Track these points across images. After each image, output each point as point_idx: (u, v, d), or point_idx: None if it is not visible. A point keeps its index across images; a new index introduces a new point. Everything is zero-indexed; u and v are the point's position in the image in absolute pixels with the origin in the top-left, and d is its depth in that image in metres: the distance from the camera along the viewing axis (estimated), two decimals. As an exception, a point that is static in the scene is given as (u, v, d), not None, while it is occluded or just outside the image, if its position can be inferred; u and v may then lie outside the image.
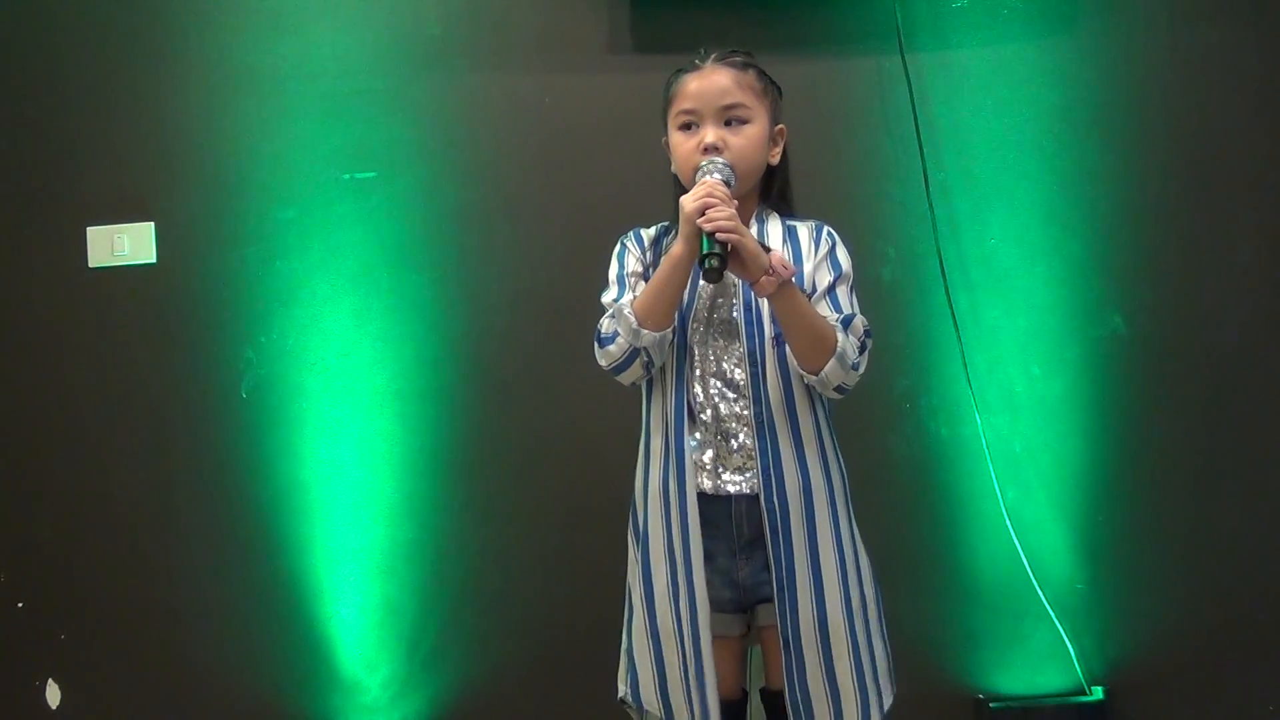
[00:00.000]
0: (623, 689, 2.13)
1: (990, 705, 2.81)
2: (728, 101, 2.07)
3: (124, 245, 2.98)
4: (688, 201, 1.96)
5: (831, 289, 2.08)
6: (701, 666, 2.01)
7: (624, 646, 2.14)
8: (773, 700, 2.09)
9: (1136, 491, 2.87)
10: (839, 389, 2.03)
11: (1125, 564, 2.87)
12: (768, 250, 2.00)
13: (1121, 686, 2.84)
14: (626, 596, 2.14)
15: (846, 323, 2.04)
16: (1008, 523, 2.83)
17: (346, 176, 2.96)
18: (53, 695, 2.96)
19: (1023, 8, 2.92)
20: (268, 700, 2.92)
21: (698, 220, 1.93)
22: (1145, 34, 2.91)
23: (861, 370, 2.04)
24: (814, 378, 2.01)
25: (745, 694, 2.16)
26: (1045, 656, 2.85)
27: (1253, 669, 2.85)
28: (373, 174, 2.96)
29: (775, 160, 2.14)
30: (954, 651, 2.87)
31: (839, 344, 1.99)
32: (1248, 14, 2.90)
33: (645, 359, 2.03)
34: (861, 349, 2.04)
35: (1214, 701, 2.85)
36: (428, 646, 2.93)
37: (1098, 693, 2.82)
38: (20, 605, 2.98)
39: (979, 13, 2.92)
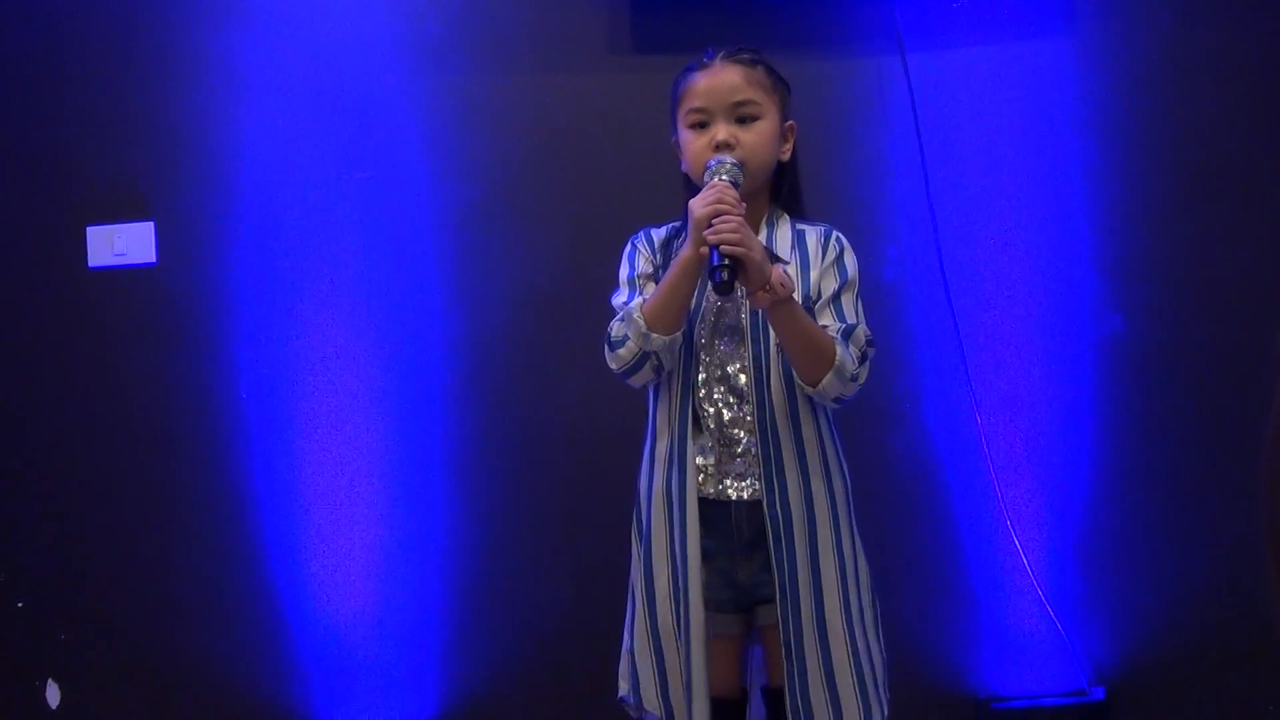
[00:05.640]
0: (624, 688, 2.13)
1: (991, 705, 2.81)
2: (738, 98, 2.06)
3: (123, 245, 2.98)
4: (696, 206, 1.95)
5: (836, 296, 2.07)
6: (691, 671, 2.01)
7: (625, 646, 2.14)
8: (774, 698, 2.09)
9: (1137, 491, 2.87)
10: (837, 400, 2.03)
11: (1125, 564, 2.86)
12: (775, 259, 1.99)
13: (1121, 686, 2.84)
14: (629, 595, 2.14)
15: (848, 333, 2.03)
16: (1008, 523, 2.83)
17: (346, 176, 2.96)
18: (53, 695, 2.96)
19: (1023, 8, 2.91)
20: (268, 700, 2.92)
21: (705, 233, 1.92)
22: (1145, 34, 2.90)
23: (861, 381, 2.04)
24: (812, 390, 2.01)
25: (745, 693, 2.16)
26: (1045, 656, 2.85)
27: (1253, 669, 2.84)
28: (372, 174, 2.96)
29: (786, 156, 2.14)
30: (954, 652, 2.87)
31: (837, 356, 1.99)
32: (1248, 14, 2.90)
33: (655, 362, 2.02)
34: (862, 359, 2.04)
35: (1214, 701, 2.85)
36: (427, 646, 2.92)
37: (1098, 693, 2.82)
38: (20, 605, 2.98)
39: (979, 13, 2.91)
